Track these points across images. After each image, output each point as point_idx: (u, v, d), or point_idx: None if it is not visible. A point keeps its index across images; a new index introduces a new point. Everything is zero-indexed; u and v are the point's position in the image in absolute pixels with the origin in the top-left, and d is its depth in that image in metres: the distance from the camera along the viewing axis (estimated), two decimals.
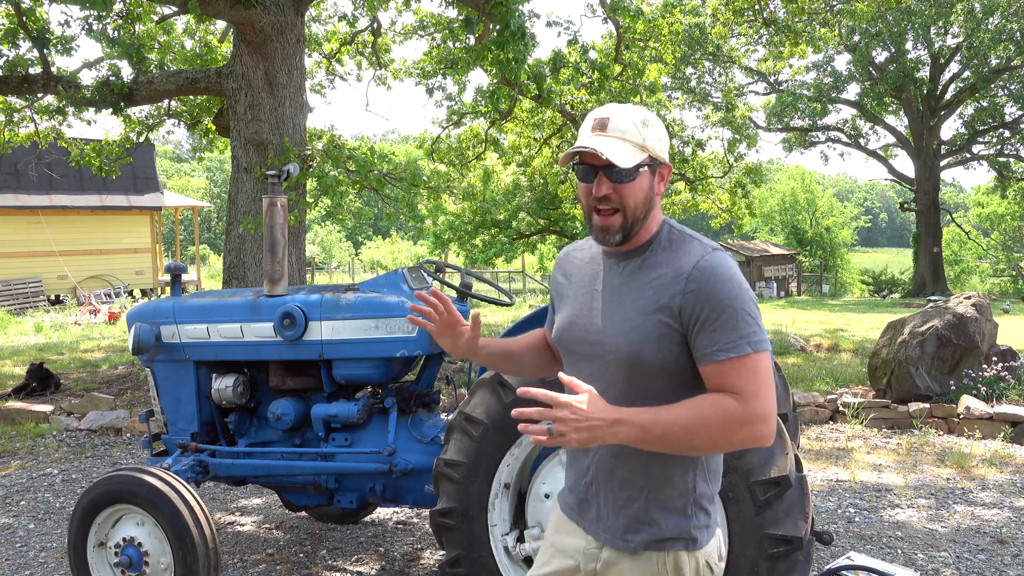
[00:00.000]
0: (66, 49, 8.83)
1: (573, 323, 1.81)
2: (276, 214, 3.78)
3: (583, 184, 1.73)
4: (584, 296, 1.82)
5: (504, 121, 15.10)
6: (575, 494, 1.86)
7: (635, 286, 1.73)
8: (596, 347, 1.76)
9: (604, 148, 1.66)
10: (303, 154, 8.23)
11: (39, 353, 11.31)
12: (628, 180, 1.68)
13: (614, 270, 1.78)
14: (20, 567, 4.35)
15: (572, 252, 1.94)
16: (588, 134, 1.72)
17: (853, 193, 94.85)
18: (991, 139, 30.39)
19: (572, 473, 1.88)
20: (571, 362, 1.84)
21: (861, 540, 4.47)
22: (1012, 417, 6.57)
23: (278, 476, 3.81)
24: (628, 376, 1.72)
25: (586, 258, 1.88)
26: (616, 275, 1.78)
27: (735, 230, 18.07)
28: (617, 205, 1.69)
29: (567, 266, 1.92)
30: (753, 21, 15.93)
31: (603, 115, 1.72)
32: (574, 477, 1.87)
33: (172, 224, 30.43)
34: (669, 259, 1.72)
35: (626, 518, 1.75)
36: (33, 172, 15.74)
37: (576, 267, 1.89)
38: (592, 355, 1.77)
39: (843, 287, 39.39)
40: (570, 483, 1.89)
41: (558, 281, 1.94)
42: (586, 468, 1.81)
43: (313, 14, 13.32)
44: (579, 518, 1.84)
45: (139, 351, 3.85)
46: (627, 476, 1.75)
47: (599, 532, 1.79)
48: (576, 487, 1.85)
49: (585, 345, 1.78)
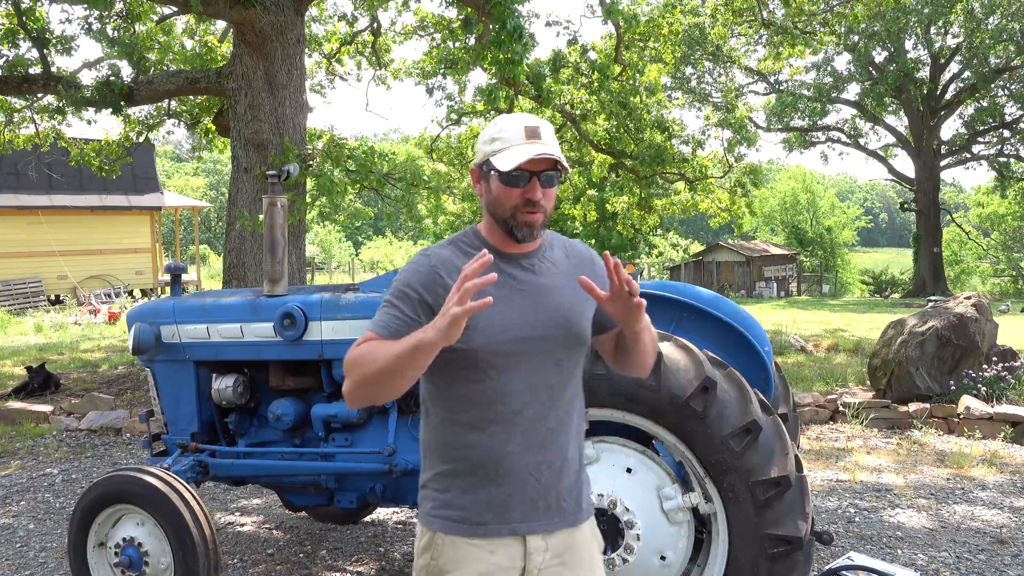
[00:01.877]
0: (66, 49, 8.84)
1: (515, 328, 1.81)
2: (276, 214, 3.78)
3: (511, 188, 1.80)
4: (508, 301, 1.81)
5: None
6: (487, 496, 1.82)
7: (564, 278, 1.89)
8: (540, 342, 1.83)
9: (556, 155, 1.79)
10: (303, 154, 8.23)
11: (39, 353, 11.31)
12: (553, 185, 1.84)
13: (527, 269, 1.87)
14: (20, 567, 4.35)
15: (449, 260, 1.82)
16: (524, 141, 1.79)
17: (853, 193, 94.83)
18: (991, 139, 30.39)
19: (482, 491, 1.82)
20: (503, 365, 1.81)
21: (861, 540, 4.47)
22: (1012, 417, 6.57)
23: (278, 476, 3.81)
24: (568, 359, 1.88)
25: (460, 263, 1.81)
26: (533, 272, 1.88)
27: (735, 229, 18.07)
28: (541, 208, 1.83)
29: (448, 275, 1.80)
30: (753, 21, 15.93)
31: (533, 124, 1.82)
32: (487, 493, 1.82)
33: (172, 224, 30.44)
34: (564, 253, 1.96)
35: (574, 496, 1.91)
36: (33, 172, 15.73)
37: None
38: (533, 351, 1.83)
39: (843, 287, 39.39)
40: (480, 503, 1.83)
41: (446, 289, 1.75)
42: (514, 473, 1.82)
43: (313, 14, 13.33)
44: (502, 522, 1.82)
45: (139, 351, 3.84)
46: (564, 459, 1.89)
47: (543, 524, 1.85)
48: (489, 493, 1.82)
49: (526, 343, 1.82)
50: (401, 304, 1.80)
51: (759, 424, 2.74)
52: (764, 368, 3.23)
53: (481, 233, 1.90)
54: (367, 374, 1.70)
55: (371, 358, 1.69)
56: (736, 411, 2.76)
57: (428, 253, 1.86)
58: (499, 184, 1.81)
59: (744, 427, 2.74)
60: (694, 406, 2.76)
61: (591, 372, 2.88)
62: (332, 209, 8.43)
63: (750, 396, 2.81)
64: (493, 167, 1.80)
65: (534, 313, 1.84)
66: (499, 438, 1.82)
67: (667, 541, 2.87)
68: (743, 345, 3.20)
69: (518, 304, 1.83)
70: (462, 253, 1.86)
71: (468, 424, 1.83)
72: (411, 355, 1.63)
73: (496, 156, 1.80)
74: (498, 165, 1.79)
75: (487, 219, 1.90)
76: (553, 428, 1.87)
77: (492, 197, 1.84)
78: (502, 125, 1.83)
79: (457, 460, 1.84)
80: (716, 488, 2.80)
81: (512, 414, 1.82)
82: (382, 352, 1.68)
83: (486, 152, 1.83)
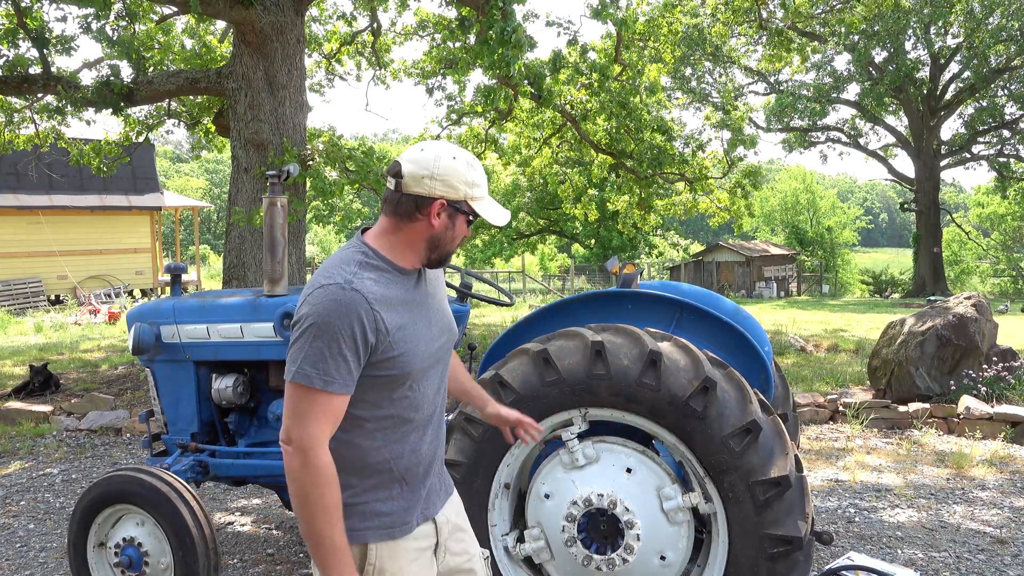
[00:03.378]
0: (66, 49, 8.84)
1: (428, 340, 1.96)
2: (276, 214, 3.78)
3: (466, 228, 1.96)
4: (421, 317, 1.96)
5: (504, 121, 15.10)
6: (414, 496, 2.00)
7: (438, 288, 2.10)
8: (441, 349, 2.04)
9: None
10: (303, 154, 8.23)
11: (39, 353, 11.31)
12: None
13: (419, 284, 1.99)
14: (20, 567, 4.35)
15: (372, 294, 1.81)
16: (486, 190, 1.97)
17: (853, 193, 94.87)
18: (991, 139, 30.41)
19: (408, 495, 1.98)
20: (422, 377, 1.95)
21: (861, 540, 4.47)
22: (1012, 417, 6.56)
23: (278, 476, 3.81)
24: (448, 356, 2.11)
25: (390, 290, 1.87)
26: (423, 287, 2.01)
27: (735, 230, 18.08)
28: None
29: (385, 311, 1.82)
30: (752, 21, 15.93)
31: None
32: (413, 495, 1.99)
33: (172, 224, 30.43)
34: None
35: (446, 476, 2.19)
36: (33, 172, 15.73)
37: (392, 305, 1.85)
38: (440, 357, 2.04)
39: (843, 287, 39.41)
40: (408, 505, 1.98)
41: (390, 327, 1.83)
42: (426, 468, 2.03)
43: (313, 14, 13.33)
44: (421, 514, 2.01)
45: (139, 351, 3.84)
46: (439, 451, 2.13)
47: (440, 501, 2.10)
48: (415, 493, 2.00)
49: (439, 351, 2.02)
50: (348, 352, 1.76)
51: (759, 424, 2.74)
52: (764, 368, 3.23)
53: (382, 252, 1.90)
54: (310, 502, 1.76)
55: (321, 504, 1.76)
56: (736, 411, 2.76)
57: (356, 288, 1.78)
58: (464, 225, 1.94)
59: (744, 427, 2.74)
60: (694, 406, 2.76)
61: (591, 372, 2.88)
62: (328, 211, 8.43)
63: (750, 396, 2.81)
64: (474, 211, 1.92)
65: (437, 324, 2.02)
66: (417, 443, 1.98)
67: (667, 541, 2.87)
68: (743, 345, 3.20)
69: (426, 319, 1.98)
70: (383, 279, 1.86)
71: (391, 439, 1.93)
72: (325, 551, 1.76)
73: (478, 203, 1.92)
74: (483, 213, 1.92)
75: (408, 240, 1.91)
76: (441, 419, 2.09)
77: (451, 234, 1.93)
78: (478, 170, 1.93)
79: (382, 472, 1.93)
80: (716, 488, 2.80)
81: (426, 419, 2.00)
82: (328, 512, 1.76)
83: (467, 194, 1.89)
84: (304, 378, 1.74)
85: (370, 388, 1.85)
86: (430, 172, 1.86)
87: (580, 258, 38.05)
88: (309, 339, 1.74)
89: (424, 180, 1.86)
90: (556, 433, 3.07)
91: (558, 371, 2.91)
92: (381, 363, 1.83)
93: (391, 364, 1.84)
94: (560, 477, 3.01)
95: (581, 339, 2.93)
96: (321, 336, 1.74)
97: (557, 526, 2.96)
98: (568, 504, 2.94)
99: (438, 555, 2.09)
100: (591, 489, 2.92)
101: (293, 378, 1.76)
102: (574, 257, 39.91)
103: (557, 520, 2.96)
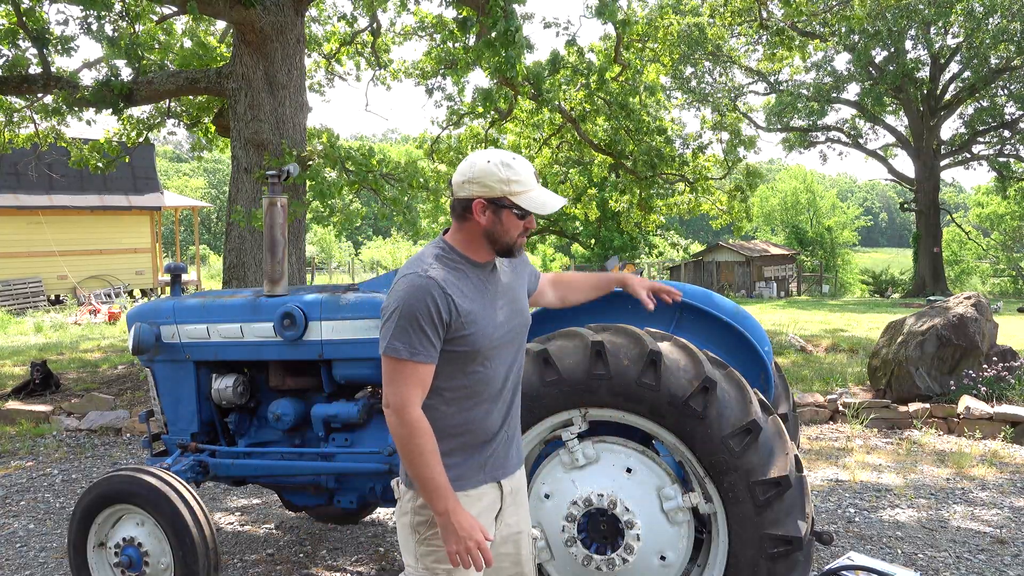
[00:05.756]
0: (66, 49, 8.82)
1: (499, 324, 2.23)
2: (276, 214, 3.78)
3: (519, 220, 2.20)
4: (490, 303, 2.22)
5: (504, 121, 15.10)
6: (480, 457, 2.26)
7: (513, 275, 2.36)
8: (512, 332, 2.29)
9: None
10: (302, 154, 8.23)
11: (39, 353, 11.31)
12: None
13: (493, 274, 2.28)
14: (20, 567, 4.35)
15: (447, 283, 2.12)
16: (537, 184, 2.21)
17: (853, 193, 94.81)
18: (991, 139, 30.41)
19: (475, 456, 2.26)
20: (493, 355, 2.22)
21: (861, 540, 4.47)
22: (1012, 417, 6.56)
23: (278, 476, 3.81)
24: (523, 341, 2.37)
25: (461, 279, 2.17)
26: (498, 277, 2.29)
27: (735, 231, 18.10)
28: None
29: (457, 296, 2.13)
30: (752, 21, 15.93)
31: (532, 167, 2.23)
32: (480, 456, 2.26)
33: (172, 224, 30.43)
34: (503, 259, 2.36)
35: (520, 447, 2.45)
36: (33, 172, 15.73)
37: (463, 291, 2.16)
38: (513, 340, 2.29)
39: (843, 287, 39.40)
40: (473, 464, 2.25)
41: (461, 309, 2.13)
42: (494, 435, 2.28)
43: (313, 14, 13.32)
44: (486, 476, 2.27)
45: (139, 351, 3.84)
46: (519, 420, 2.41)
47: (508, 469, 2.34)
48: (482, 455, 2.26)
49: (508, 334, 2.27)
50: (427, 327, 2.08)
51: (759, 424, 2.74)
52: (764, 368, 3.22)
53: (457, 248, 2.22)
54: (409, 451, 2.09)
55: (418, 451, 2.08)
56: (736, 411, 2.76)
57: (430, 275, 2.11)
58: (513, 218, 2.18)
59: (744, 427, 2.73)
60: (694, 406, 2.76)
61: (591, 372, 2.88)
62: (327, 212, 8.43)
63: (750, 396, 2.81)
64: (516, 205, 2.16)
65: (508, 310, 2.28)
66: (487, 413, 2.25)
67: (667, 541, 2.87)
68: (743, 345, 3.20)
69: (498, 305, 2.24)
70: (455, 271, 2.17)
71: (466, 407, 2.22)
72: (429, 490, 2.09)
73: (520, 197, 2.16)
74: (525, 205, 2.16)
75: (471, 237, 2.21)
76: (516, 397, 2.36)
77: (501, 227, 2.18)
78: (516, 168, 2.16)
79: (455, 436, 2.22)
80: (716, 488, 2.79)
81: (496, 393, 2.26)
82: (426, 458, 2.08)
83: (504, 191, 2.15)
84: (393, 351, 2.08)
85: (447, 362, 2.15)
86: (467, 177, 2.16)
87: (580, 258, 38.05)
88: (395, 319, 2.08)
89: (464, 185, 2.17)
90: (556, 433, 3.07)
91: (558, 371, 2.91)
92: (454, 340, 2.13)
93: (463, 342, 2.14)
94: (560, 477, 3.01)
95: (581, 339, 2.93)
96: (404, 315, 2.08)
97: (557, 526, 2.96)
98: (568, 504, 2.94)
99: (498, 521, 2.33)
100: (591, 489, 2.92)
101: (385, 351, 2.10)
102: (574, 257, 39.91)
103: (557, 520, 2.96)
